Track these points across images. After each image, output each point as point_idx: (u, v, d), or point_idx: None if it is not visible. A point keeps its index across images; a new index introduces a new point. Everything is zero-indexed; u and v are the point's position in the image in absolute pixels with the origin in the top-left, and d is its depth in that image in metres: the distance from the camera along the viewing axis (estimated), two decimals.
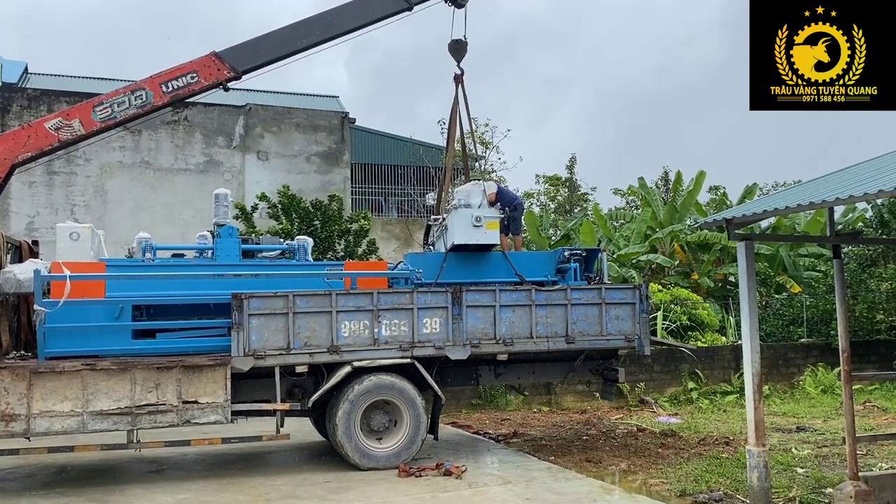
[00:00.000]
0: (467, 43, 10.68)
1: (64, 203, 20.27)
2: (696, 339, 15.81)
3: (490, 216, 9.71)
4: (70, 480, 8.71)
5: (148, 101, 9.04)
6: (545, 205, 37.65)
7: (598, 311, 9.54)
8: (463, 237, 9.59)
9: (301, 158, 22.62)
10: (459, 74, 10.77)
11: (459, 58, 10.73)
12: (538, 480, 8.21)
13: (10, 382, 7.72)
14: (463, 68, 10.74)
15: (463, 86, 10.76)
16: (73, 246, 9.25)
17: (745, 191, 22.92)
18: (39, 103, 20.08)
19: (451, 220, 9.80)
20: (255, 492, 7.88)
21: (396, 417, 8.94)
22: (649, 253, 20.36)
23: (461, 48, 10.70)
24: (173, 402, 8.08)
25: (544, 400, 13.78)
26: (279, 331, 8.49)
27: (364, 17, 9.79)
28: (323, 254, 15.15)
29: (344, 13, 9.76)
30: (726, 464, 8.89)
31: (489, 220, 9.67)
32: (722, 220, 7.58)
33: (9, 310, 8.70)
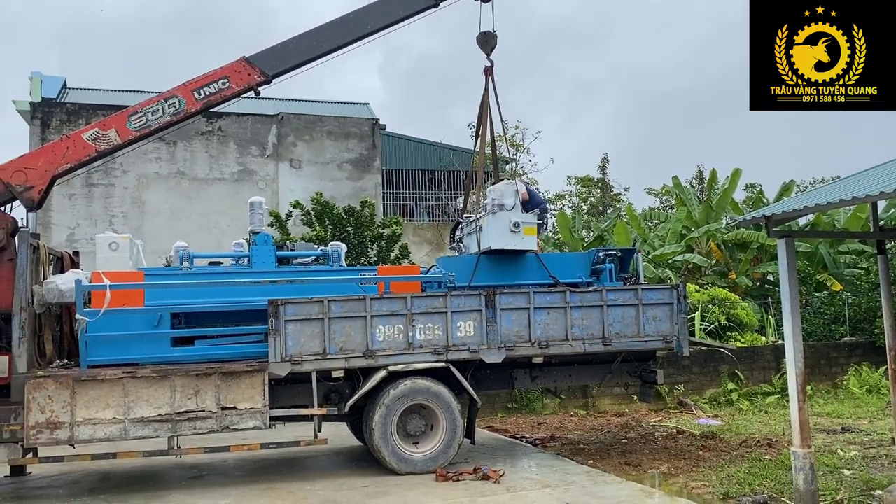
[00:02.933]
0: (496, 35, 10.58)
1: (103, 214, 20.70)
2: (735, 339, 15.54)
3: (528, 221, 9.62)
4: (113, 487, 8.85)
5: (181, 108, 9.15)
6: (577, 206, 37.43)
7: (635, 313, 9.42)
8: (500, 242, 9.50)
9: (333, 165, 22.81)
10: (489, 67, 10.67)
11: (488, 50, 10.63)
12: (577, 484, 8.12)
13: (54, 391, 7.87)
14: (493, 60, 10.67)
15: (493, 78, 10.68)
16: (112, 256, 9.42)
17: (781, 188, 22.52)
18: (78, 117, 20.55)
19: (488, 222, 9.69)
20: (294, 497, 7.93)
21: (433, 422, 8.92)
22: (685, 253, 20.09)
23: (490, 40, 10.61)
24: (212, 408, 8.17)
25: (581, 403, 13.66)
26: (315, 336, 8.53)
27: (391, 16, 9.77)
28: (356, 259, 15.23)
29: (370, 13, 9.75)
30: (770, 466, 8.70)
31: (527, 226, 9.58)
32: (761, 217, 7.44)
33: (52, 320, 8.89)
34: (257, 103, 20.42)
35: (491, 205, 9.73)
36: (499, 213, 9.53)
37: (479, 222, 9.98)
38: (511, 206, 9.63)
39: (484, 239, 9.81)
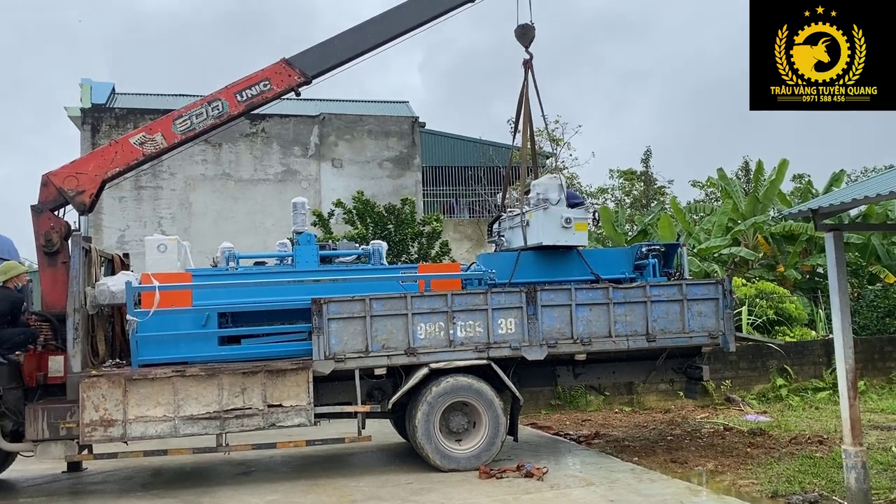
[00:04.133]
0: (534, 27, 10.47)
1: (151, 216, 21.20)
2: (784, 334, 15.21)
3: (579, 217, 9.55)
4: (165, 482, 9.08)
5: (224, 110, 9.32)
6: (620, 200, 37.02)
7: (680, 308, 9.29)
8: (551, 238, 9.43)
9: (374, 164, 22.97)
10: (528, 59, 10.59)
11: (527, 42, 10.52)
12: (622, 482, 8.06)
13: (107, 389, 8.11)
14: (532, 52, 10.60)
15: (532, 71, 10.60)
16: (161, 258, 9.64)
17: (831, 178, 21.90)
18: (126, 122, 21.05)
19: (536, 218, 9.57)
20: (339, 493, 8.03)
21: (475, 419, 8.94)
22: (731, 246, 19.70)
23: (527, 32, 10.51)
24: (259, 405, 8.32)
25: (626, 400, 13.53)
26: (357, 334, 8.62)
27: (427, 13, 9.75)
28: (397, 257, 15.33)
29: (408, 10, 9.75)
30: (821, 464, 8.51)
31: (579, 222, 9.52)
32: (808, 210, 7.27)
33: (104, 320, 9.15)
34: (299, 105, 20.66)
35: (535, 199, 9.66)
36: (551, 208, 9.47)
37: (525, 217, 9.87)
38: (556, 200, 9.57)
39: (532, 234, 9.70)
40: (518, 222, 10.08)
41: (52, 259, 8.70)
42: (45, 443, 8.13)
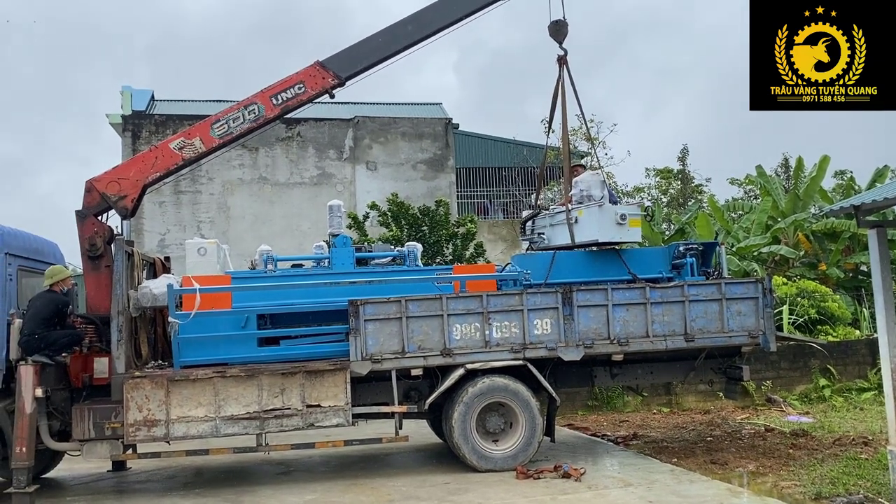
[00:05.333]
0: (567, 23, 10.41)
1: (191, 220, 21.58)
2: (827, 333, 14.91)
3: (633, 213, 9.47)
4: (206, 482, 9.25)
5: (260, 114, 9.45)
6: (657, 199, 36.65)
7: (719, 308, 9.17)
8: (607, 235, 9.35)
9: (408, 166, 23.08)
10: (562, 56, 10.52)
11: (560, 39, 10.44)
12: (660, 483, 7.99)
13: (150, 390, 8.28)
14: (566, 48, 10.52)
15: (567, 67, 10.53)
16: (201, 260, 9.83)
17: (875, 174, 21.39)
18: (165, 128, 21.46)
19: (588, 214, 9.46)
20: (377, 493, 8.09)
21: (512, 419, 8.94)
22: (771, 244, 19.38)
23: (561, 29, 10.43)
24: (298, 406, 8.42)
25: (664, 400, 13.39)
26: (394, 335, 8.68)
27: (459, 11, 9.75)
28: (432, 258, 15.39)
29: (439, 9, 9.76)
30: (865, 465, 8.33)
31: (633, 218, 9.44)
32: (850, 206, 7.14)
33: (146, 322, 9.35)
34: (333, 108, 20.87)
35: (578, 196, 9.59)
36: (606, 205, 9.41)
37: (573, 214, 9.73)
38: (599, 196, 9.51)
39: (582, 232, 9.58)
40: (561, 220, 9.96)
41: (96, 263, 8.91)
42: (91, 442, 8.33)
